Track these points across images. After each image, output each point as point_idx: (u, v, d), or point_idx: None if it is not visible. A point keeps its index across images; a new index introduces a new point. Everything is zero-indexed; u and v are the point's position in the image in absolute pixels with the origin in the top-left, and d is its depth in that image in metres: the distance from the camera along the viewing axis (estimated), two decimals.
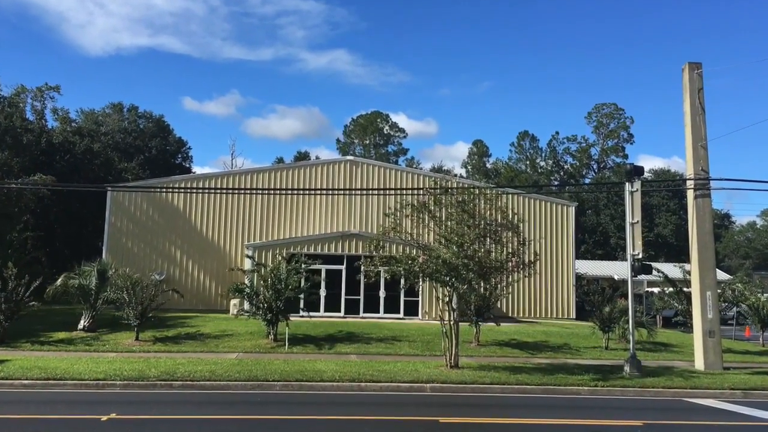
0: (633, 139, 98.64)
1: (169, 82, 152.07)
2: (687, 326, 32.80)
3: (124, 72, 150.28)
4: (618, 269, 58.11)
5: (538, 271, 36.29)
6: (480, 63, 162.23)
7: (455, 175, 68.42)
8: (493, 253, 22.93)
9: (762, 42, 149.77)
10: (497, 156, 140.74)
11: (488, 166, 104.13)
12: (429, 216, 23.06)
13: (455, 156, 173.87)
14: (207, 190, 41.92)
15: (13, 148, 51.11)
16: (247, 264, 33.34)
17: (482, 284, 24.99)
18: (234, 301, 35.55)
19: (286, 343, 27.16)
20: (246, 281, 30.10)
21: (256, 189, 42.41)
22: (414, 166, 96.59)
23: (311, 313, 31.47)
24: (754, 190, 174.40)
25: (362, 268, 24.43)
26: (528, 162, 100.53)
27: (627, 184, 24.67)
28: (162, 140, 74.86)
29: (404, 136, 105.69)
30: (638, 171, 24.79)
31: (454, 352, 22.91)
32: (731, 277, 52.55)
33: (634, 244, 24.15)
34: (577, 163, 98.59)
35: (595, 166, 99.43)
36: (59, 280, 30.50)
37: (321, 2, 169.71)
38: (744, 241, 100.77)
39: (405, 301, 38.19)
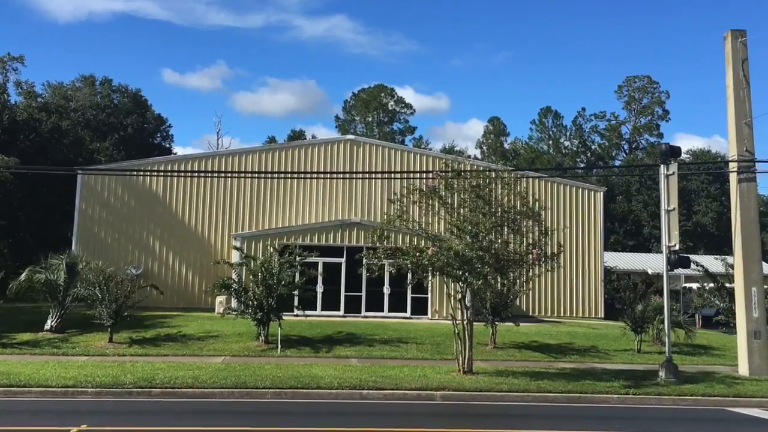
0: (669, 116, 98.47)
1: (146, 52, 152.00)
2: (729, 326, 32.69)
3: (96, 41, 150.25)
4: (652, 262, 58.00)
5: (562, 265, 36.03)
6: (497, 31, 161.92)
7: (469, 157, 68.13)
8: (512, 244, 22.87)
9: None
10: (516, 135, 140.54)
11: (506, 146, 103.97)
12: (439, 202, 22.99)
13: (469, 135, 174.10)
14: (190, 174, 41.85)
15: None
16: (235, 256, 33.29)
17: (499, 279, 24.90)
18: (220, 299, 35.56)
19: (279, 346, 27.17)
20: (233, 276, 30.08)
21: (245, 172, 42.33)
22: (422, 146, 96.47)
23: (307, 312, 31.45)
24: None
25: (364, 261, 24.39)
26: (551, 142, 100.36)
27: (662, 166, 24.54)
28: (139, 117, 74.77)
29: (411, 113, 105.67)
30: (675, 152, 24.67)
31: (467, 355, 22.89)
32: None
33: (670, 234, 24.05)
34: (606, 143, 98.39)
35: (626, 147, 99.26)
36: (23, 274, 30.46)
37: None
38: None
39: (412, 298, 38.20)
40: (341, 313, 37.85)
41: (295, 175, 42.25)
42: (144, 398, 18.83)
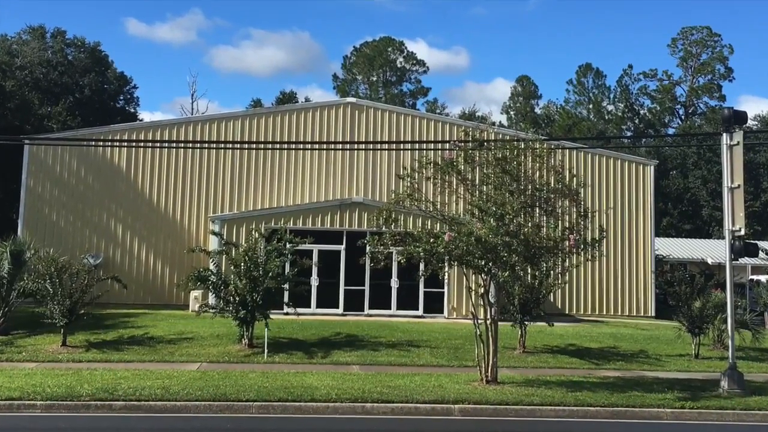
0: (732, 74, 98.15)
1: None
2: None
3: None
4: (712, 250, 57.86)
5: (604, 253, 36.11)
6: None
7: (493, 124, 68.16)
8: (545, 229, 22.79)
9: None
10: (549, 98, 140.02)
11: (537, 111, 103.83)
12: (458, 178, 22.90)
13: (493, 98, 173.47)
14: (159, 144, 41.78)
15: None
16: (213, 243, 33.21)
17: (529, 270, 24.88)
18: (195, 294, 35.52)
19: (266, 350, 27.16)
20: (211, 266, 30.04)
21: (225, 142, 42.26)
22: (437, 111, 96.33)
23: (299, 310, 31.41)
24: None
25: (368, 248, 24.32)
26: (591, 106, 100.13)
27: (724, 135, 24.39)
28: (98, 76, 74.70)
29: (424, 71, 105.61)
30: (740, 117, 24.49)
31: (491, 361, 22.86)
32: None
33: (735, 217, 23.92)
34: (658, 108, 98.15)
35: (681, 112, 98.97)
36: None
37: None
38: None
39: (425, 293, 38.20)
40: (340, 311, 37.89)
41: (285, 146, 42.12)
42: (104, 413, 18.86)
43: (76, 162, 41.88)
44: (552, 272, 26.01)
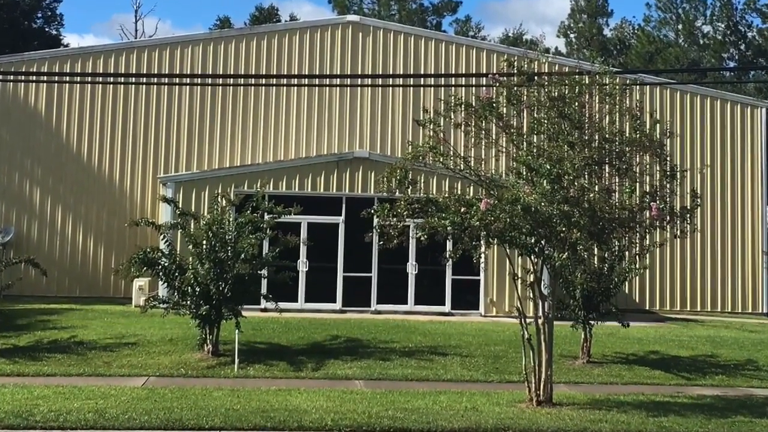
0: None
1: None
2: None
3: None
4: None
5: (698, 227, 35.96)
6: None
7: (547, 51, 67.94)
8: (617, 194, 22.64)
9: None
10: (623, 16, 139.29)
11: (607, 33, 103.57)
12: (498, 125, 22.76)
13: (546, 15, 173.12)
14: (90, 79, 41.65)
15: None
16: (165, 214, 33.21)
17: (596, 251, 24.76)
18: (140, 283, 35.53)
19: (236, 360, 27.12)
20: (162, 245, 29.97)
21: (182, 75, 42.18)
22: (471, 33, 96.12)
23: (282, 305, 31.19)
24: None
25: (376, 221, 24.18)
26: (681, 27, 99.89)
27: None
28: None
29: None
30: None
31: (543, 375, 22.77)
32: None
33: None
34: None
35: None
36: None
37: None
38: None
39: (454, 281, 38.29)
40: (338, 306, 38.05)
41: (263, 81, 42.02)
42: None
43: None
44: (627, 253, 25.86)
